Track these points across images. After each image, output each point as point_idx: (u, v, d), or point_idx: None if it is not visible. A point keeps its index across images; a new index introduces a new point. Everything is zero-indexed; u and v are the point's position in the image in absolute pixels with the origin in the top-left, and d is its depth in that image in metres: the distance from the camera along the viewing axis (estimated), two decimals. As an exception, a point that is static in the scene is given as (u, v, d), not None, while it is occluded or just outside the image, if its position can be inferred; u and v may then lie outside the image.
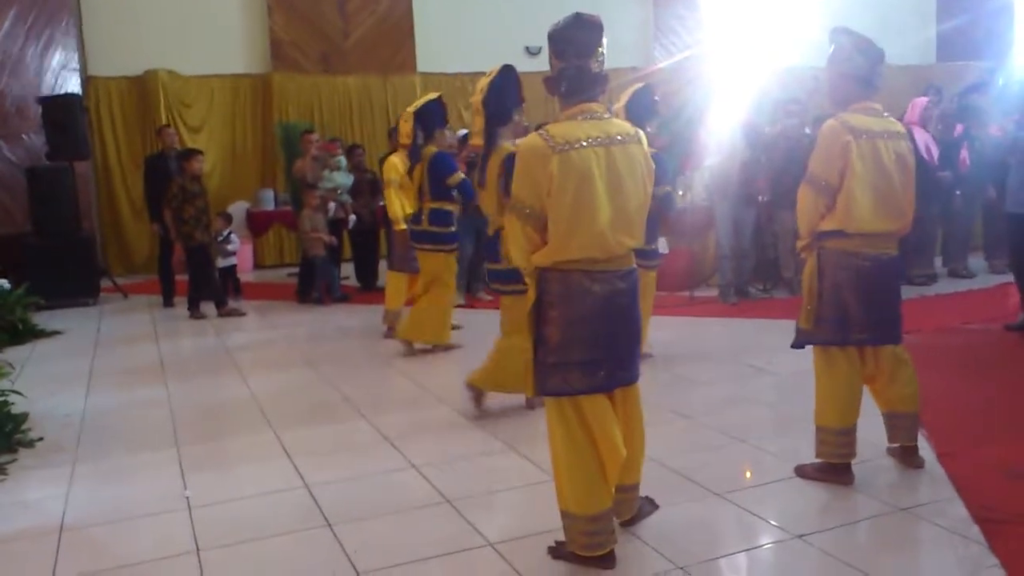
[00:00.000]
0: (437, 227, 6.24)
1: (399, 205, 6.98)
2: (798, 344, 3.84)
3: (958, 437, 4.21)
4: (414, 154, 6.37)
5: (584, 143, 2.94)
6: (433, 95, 6.51)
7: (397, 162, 7.04)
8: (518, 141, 3.95)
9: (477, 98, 5.04)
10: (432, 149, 6.24)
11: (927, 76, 13.92)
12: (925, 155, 8.01)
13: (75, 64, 10.87)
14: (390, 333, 7.16)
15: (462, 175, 6.24)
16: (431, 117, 6.26)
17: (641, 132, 3.13)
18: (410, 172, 6.54)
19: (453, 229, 6.29)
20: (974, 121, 8.74)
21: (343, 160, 9.53)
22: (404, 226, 6.86)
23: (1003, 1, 14.66)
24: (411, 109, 6.38)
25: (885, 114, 3.77)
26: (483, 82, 5.10)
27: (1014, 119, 6.91)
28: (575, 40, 2.98)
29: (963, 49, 14.56)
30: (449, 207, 6.29)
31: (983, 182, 8.52)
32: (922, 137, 8.31)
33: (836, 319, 3.69)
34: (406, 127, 6.32)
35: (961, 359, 5.76)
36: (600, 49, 3.01)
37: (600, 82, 3.03)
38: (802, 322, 3.77)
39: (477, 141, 5.07)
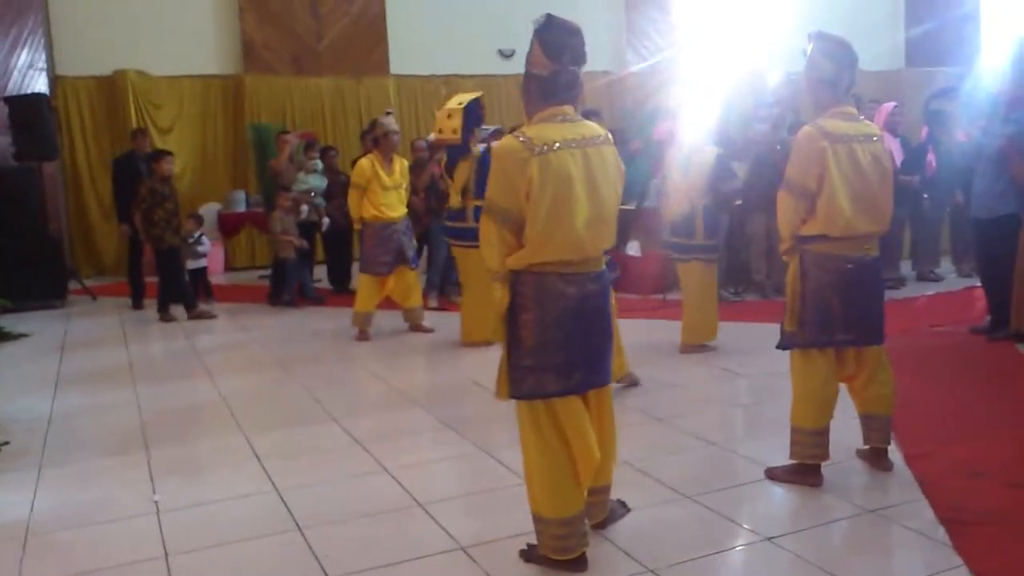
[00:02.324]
0: None
1: (358, 207, 7.09)
2: (784, 346, 3.87)
3: (925, 439, 4.26)
4: (463, 151, 6.48)
5: (561, 145, 2.95)
6: (474, 94, 6.64)
7: (366, 165, 7.05)
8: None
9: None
10: (478, 151, 6.40)
11: (896, 81, 14.12)
12: (888, 161, 8.10)
13: (42, 63, 10.73)
14: (361, 336, 7.15)
15: None
16: (470, 116, 6.41)
17: (610, 135, 3.15)
18: (451, 168, 6.63)
19: None
20: (941, 127, 8.86)
21: (319, 163, 9.49)
22: (359, 227, 7.19)
23: (971, 7, 14.88)
24: (457, 106, 6.47)
25: (861, 117, 3.83)
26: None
27: (980, 125, 7.01)
28: (571, 45, 2.99)
29: (931, 55, 14.76)
30: None
31: (951, 187, 8.64)
32: (888, 142, 8.41)
33: (820, 321, 3.72)
34: (454, 123, 6.40)
35: (928, 362, 5.84)
36: (586, 56, 3.04)
37: (580, 87, 3.06)
38: (786, 324, 3.80)
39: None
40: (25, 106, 9.47)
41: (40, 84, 10.64)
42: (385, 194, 7.02)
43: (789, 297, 3.80)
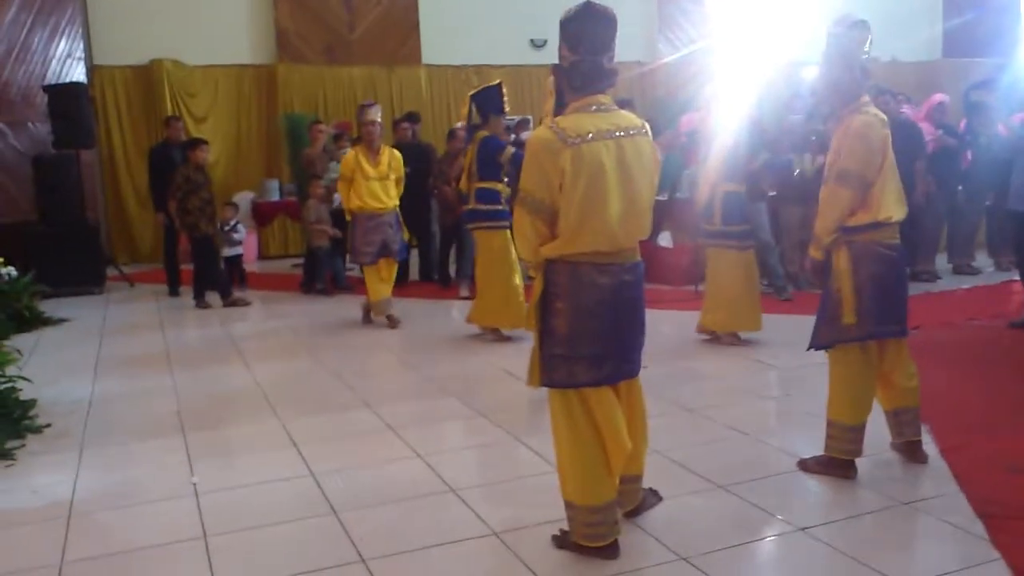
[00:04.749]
0: (484, 205, 6.46)
1: (347, 198, 7.22)
2: (838, 341, 3.70)
3: (961, 432, 4.22)
4: (468, 134, 6.69)
5: (594, 136, 2.94)
6: (494, 82, 6.77)
7: (350, 157, 7.17)
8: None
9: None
10: (483, 133, 6.51)
11: (933, 72, 13.93)
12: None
13: (80, 53, 10.88)
14: (390, 322, 7.26)
15: (512, 149, 6.46)
16: (487, 102, 6.52)
17: (647, 125, 3.14)
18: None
19: (501, 207, 6.46)
20: (980, 119, 8.74)
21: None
22: (349, 218, 7.34)
23: (1009, -2, 14.65)
24: (471, 92, 6.70)
25: None
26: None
27: (1019, 117, 6.91)
28: (590, 34, 2.96)
29: (969, 46, 14.54)
30: (497, 187, 6.49)
31: (989, 179, 8.53)
32: (929, 134, 8.39)
33: (877, 312, 3.63)
34: (463, 110, 6.69)
35: (965, 355, 5.78)
36: (613, 44, 3.01)
37: (610, 76, 3.03)
38: (845, 318, 3.63)
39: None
40: (64, 95, 9.61)
41: (78, 73, 10.79)
42: (368, 185, 7.10)
43: (844, 291, 3.64)
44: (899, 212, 3.66)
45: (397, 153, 7.43)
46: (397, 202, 7.33)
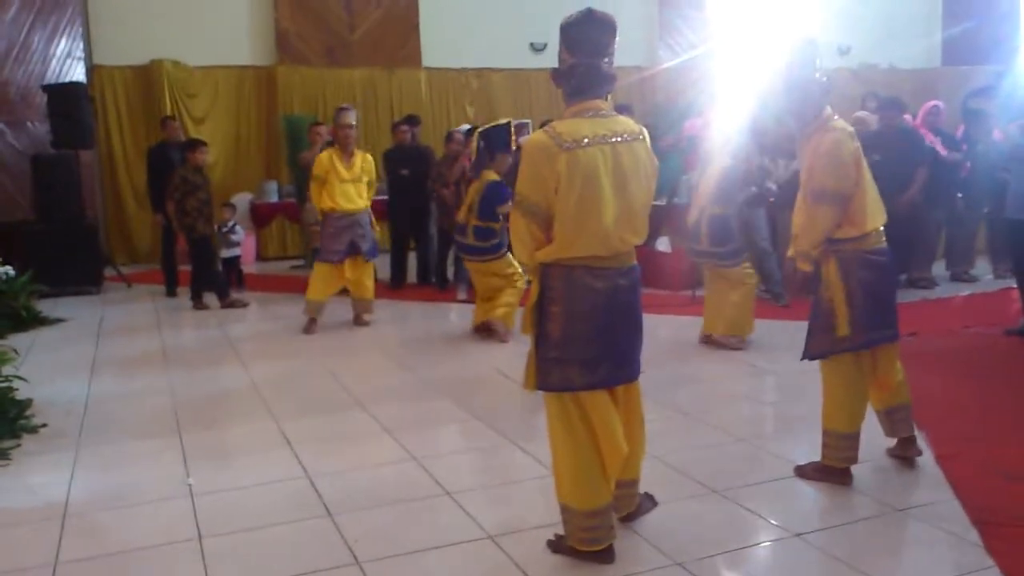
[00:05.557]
0: (480, 242, 6.70)
1: (319, 198, 7.25)
2: (820, 356, 3.74)
3: (957, 439, 4.22)
4: (476, 168, 6.88)
5: (590, 141, 2.95)
6: (504, 120, 7.02)
7: (325, 158, 7.20)
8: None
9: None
10: (491, 176, 6.69)
11: (932, 79, 13.96)
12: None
13: (80, 52, 10.86)
14: (310, 325, 7.25)
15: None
16: (495, 140, 6.75)
17: (645, 130, 3.14)
18: (468, 185, 7.04)
19: (496, 241, 6.69)
20: (978, 126, 8.75)
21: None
22: (320, 217, 7.42)
23: (1009, 6, 14.67)
24: (481, 129, 7.03)
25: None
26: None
27: (1018, 124, 6.91)
28: (589, 38, 2.97)
29: (969, 53, 14.57)
30: (494, 226, 6.68)
31: (987, 186, 8.53)
32: (929, 140, 8.42)
33: (872, 319, 3.64)
34: (473, 144, 6.96)
35: (961, 362, 5.79)
36: (612, 49, 3.02)
37: (609, 81, 3.04)
38: (840, 329, 3.64)
39: None
40: (63, 94, 9.59)
41: (78, 73, 10.76)
42: (342, 186, 7.14)
43: (836, 300, 3.65)
44: (881, 219, 3.71)
45: (370, 157, 7.49)
46: (368, 203, 7.38)
